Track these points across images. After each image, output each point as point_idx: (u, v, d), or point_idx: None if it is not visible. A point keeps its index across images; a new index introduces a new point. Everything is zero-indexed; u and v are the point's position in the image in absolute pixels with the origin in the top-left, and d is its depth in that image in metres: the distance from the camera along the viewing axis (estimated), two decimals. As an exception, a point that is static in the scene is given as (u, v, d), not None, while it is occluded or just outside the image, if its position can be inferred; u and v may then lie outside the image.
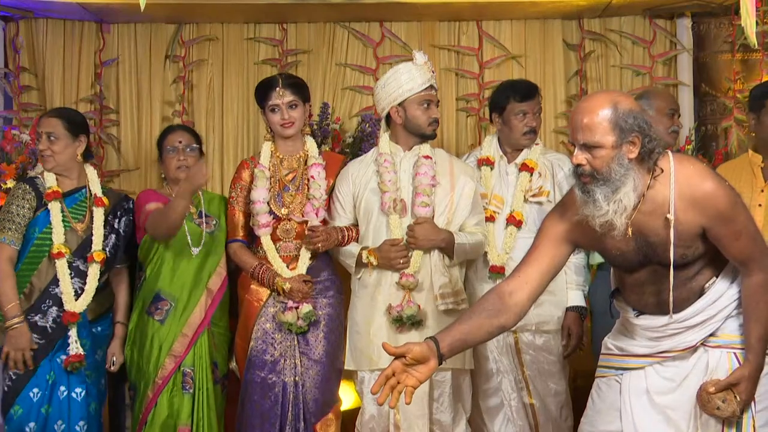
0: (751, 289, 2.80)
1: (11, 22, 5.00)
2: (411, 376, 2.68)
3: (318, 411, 3.98)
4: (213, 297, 4.09)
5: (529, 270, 2.89)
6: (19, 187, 3.95)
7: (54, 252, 3.89)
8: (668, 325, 2.88)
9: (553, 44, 5.15)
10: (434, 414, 3.91)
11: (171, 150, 4.16)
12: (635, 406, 2.92)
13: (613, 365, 3.03)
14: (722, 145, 4.93)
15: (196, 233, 4.09)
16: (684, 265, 2.82)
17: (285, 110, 4.00)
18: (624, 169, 2.69)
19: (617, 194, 2.70)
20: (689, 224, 2.75)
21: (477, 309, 2.86)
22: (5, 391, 3.83)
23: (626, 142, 2.68)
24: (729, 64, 4.96)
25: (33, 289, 3.89)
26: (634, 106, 2.72)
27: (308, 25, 5.14)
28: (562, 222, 2.90)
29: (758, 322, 2.79)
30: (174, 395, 4.02)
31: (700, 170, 2.77)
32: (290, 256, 4.01)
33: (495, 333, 2.87)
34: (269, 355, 3.97)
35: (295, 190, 4.06)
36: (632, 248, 2.84)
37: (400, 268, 3.88)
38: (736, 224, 2.74)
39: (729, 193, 2.76)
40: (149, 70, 5.12)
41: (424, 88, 3.91)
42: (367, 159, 4.11)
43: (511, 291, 2.86)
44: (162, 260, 4.09)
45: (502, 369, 4.10)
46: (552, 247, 2.90)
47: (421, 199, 3.91)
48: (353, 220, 4.07)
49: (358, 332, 3.94)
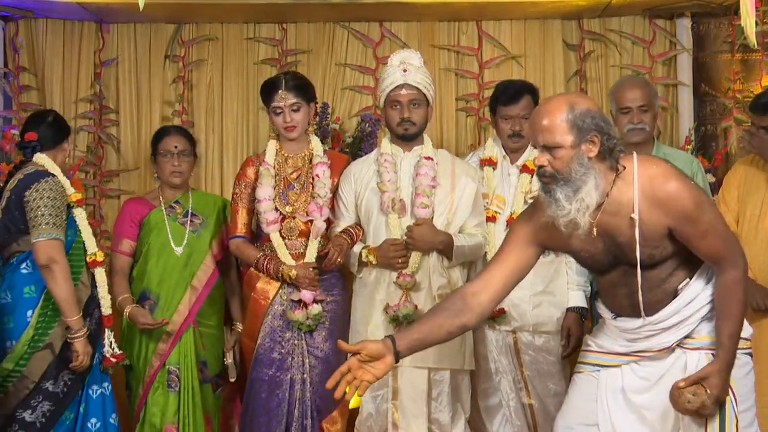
0: (723, 287, 2.82)
1: (11, 22, 5.00)
2: (368, 372, 2.77)
3: (324, 409, 3.98)
4: (198, 295, 4.13)
5: (494, 271, 2.94)
6: (54, 181, 3.78)
7: (99, 260, 3.88)
8: (643, 327, 2.90)
9: (553, 44, 5.15)
10: (432, 413, 3.91)
11: (166, 154, 4.19)
12: (611, 404, 2.95)
13: (591, 362, 3.06)
14: (722, 145, 4.93)
15: (179, 232, 4.15)
16: (654, 265, 2.84)
17: (288, 113, 4.00)
18: (584, 168, 2.73)
19: (579, 193, 2.73)
20: (654, 224, 2.78)
21: (439, 309, 2.93)
22: (65, 393, 3.76)
23: (585, 142, 2.73)
24: (729, 64, 4.95)
25: (81, 295, 3.82)
26: (591, 105, 2.77)
27: (308, 25, 5.14)
28: (529, 224, 2.94)
29: (729, 319, 2.81)
30: (161, 393, 4.05)
31: (664, 170, 2.80)
32: (296, 253, 4.01)
33: (456, 333, 2.92)
34: (277, 353, 3.97)
35: (300, 188, 4.07)
36: (600, 249, 2.87)
37: (399, 267, 3.89)
38: (702, 224, 2.77)
39: (694, 193, 2.78)
40: (149, 70, 5.11)
41: (393, 89, 3.92)
42: (369, 159, 4.13)
43: (474, 292, 2.91)
44: (146, 259, 4.15)
45: (501, 369, 4.09)
46: (518, 249, 2.94)
47: (421, 200, 3.91)
48: (356, 219, 4.08)
49: (357, 330, 3.95)
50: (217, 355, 4.20)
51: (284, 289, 4.00)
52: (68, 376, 3.76)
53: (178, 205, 4.23)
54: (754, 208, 4.03)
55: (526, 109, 4.10)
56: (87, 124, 5.05)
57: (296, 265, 3.95)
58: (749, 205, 4.04)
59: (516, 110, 4.09)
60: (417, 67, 3.95)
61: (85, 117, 5.04)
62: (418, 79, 3.93)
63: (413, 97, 3.93)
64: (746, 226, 4.03)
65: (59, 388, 3.74)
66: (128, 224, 4.21)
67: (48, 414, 3.71)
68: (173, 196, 4.24)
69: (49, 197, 3.72)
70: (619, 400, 2.95)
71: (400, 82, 3.92)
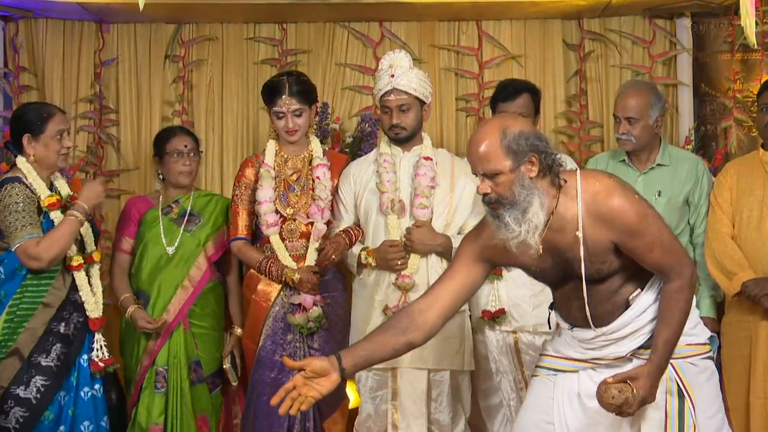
0: (667, 294, 2.83)
1: (11, 22, 4.99)
2: (312, 389, 2.77)
3: (326, 409, 4.00)
4: (188, 295, 4.12)
5: (441, 289, 2.95)
6: (18, 186, 3.73)
7: (74, 264, 3.82)
8: (597, 338, 2.91)
9: (553, 44, 5.15)
10: (433, 414, 3.91)
11: (176, 154, 4.19)
12: (566, 408, 2.97)
13: (548, 366, 3.07)
14: (722, 145, 4.92)
15: (172, 231, 4.16)
16: (603, 279, 2.86)
17: (290, 118, 4.00)
18: (527, 190, 2.74)
19: (527, 214, 2.75)
20: (599, 240, 2.79)
21: (385, 326, 2.94)
22: (38, 399, 3.73)
23: (524, 163, 2.74)
24: (729, 64, 4.95)
25: (54, 299, 3.79)
26: (524, 127, 2.78)
27: (308, 25, 5.14)
28: (477, 242, 2.95)
29: (668, 326, 2.81)
30: (148, 394, 4.06)
31: (607, 186, 2.80)
32: (297, 255, 4.02)
33: (402, 350, 2.93)
34: (279, 356, 3.97)
35: (300, 190, 4.07)
36: (549, 265, 2.89)
37: (398, 269, 3.89)
38: (647, 237, 2.77)
39: (636, 207, 2.79)
40: (149, 69, 5.11)
41: (382, 94, 3.92)
42: (369, 159, 4.13)
43: (422, 309, 2.92)
44: (141, 258, 4.17)
45: (502, 369, 4.10)
46: (465, 266, 2.95)
47: (420, 201, 3.91)
48: (355, 219, 4.08)
49: (357, 330, 3.95)
50: (214, 355, 4.19)
51: (285, 291, 4.00)
52: (41, 381, 3.71)
53: (177, 204, 4.23)
54: (751, 210, 4.03)
55: (524, 107, 4.12)
56: (87, 124, 5.05)
57: (299, 269, 3.95)
58: (745, 208, 4.04)
59: (513, 107, 4.10)
60: (405, 70, 3.91)
61: (85, 117, 5.04)
62: (405, 83, 3.89)
63: (401, 102, 3.91)
64: (744, 228, 4.03)
65: (31, 394, 3.69)
66: (128, 222, 4.25)
67: (22, 420, 3.68)
68: (176, 196, 4.25)
69: (11, 203, 3.70)
70: (574, 404, 2.96)
71: (388, 88, 3.90)
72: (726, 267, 4.01)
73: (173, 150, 4.19)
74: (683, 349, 2.91)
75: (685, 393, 2.88)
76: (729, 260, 4.00)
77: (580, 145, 5.07)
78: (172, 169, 4.20)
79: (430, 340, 2.99)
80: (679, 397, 2.88)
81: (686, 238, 4.24)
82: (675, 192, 4.19)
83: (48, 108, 3.93)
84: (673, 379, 2.88)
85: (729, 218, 4.07)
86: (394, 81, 3.89)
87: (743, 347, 4.02)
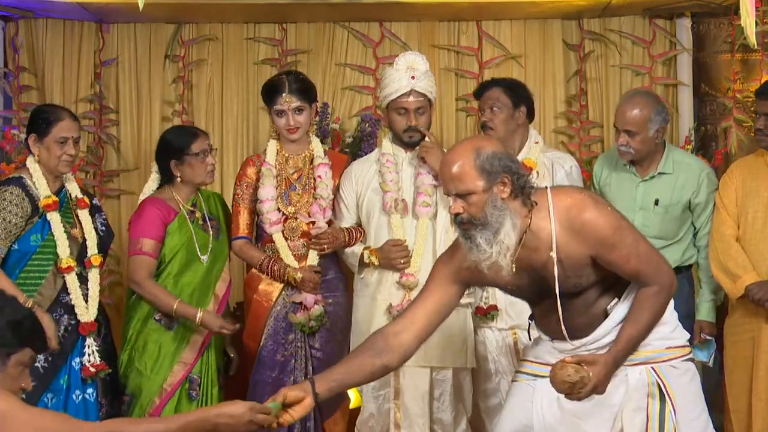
0: (643, 295, 2.84)
1: (11, 22, 4.99)
2: (287, 415, 2.76)
3: (327, 409, 3.99)
4: (219, 303, 4.04)
5: (416, 311, 2.94)
6: (11, 192, 3.74)
7: (63, 266, 3.78)
8: (577, 349, 2.92)
9: (553, 44, 5.15)
10: (435, 413, 3.91)
11: (201, 154, 4.00)
12: (546, 413, 2.97)
13: (528, 371, 3.08)
14: (722, 145, 4.92)
15: (205, 240, 4.02)
16: (580, 292, 2.86)
17: (291, 116, 3.99)
18: (499, 210, 2.75)
19: (498, 235, 2.75)
20: (576, 255, 2.80)
21: (360, 349, 2.93)
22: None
23: (496, 184, 2.75)
24: (729, 65, 4.95)
25: (42, 299, 3.76)
26: (497, 147, 2.79)
27: (308, 25, 5.14)
28: (451, 263, 2.95)
29: (635, 323, 2.83)
30: (180, 402, 3.96)
31: (578, 201, 2.81)
32: (298, 254, 4.01)
33: (378, 373, 2.92)
34: (280, 355, 3.97)
35: (301, 189, 4.06)
36: (526, 283, 2.89)
37: (401, 268, 3.89)
38: (622, 249, 2.79)
39: (610, 220, 2.79)
40: (149, 69, 5.11)
41: (400, 95, 3.90)
42: (370, 159, 4.13)
43: (397, 332, 2.90)
44: (170, 267, 3.99)
45: (501, 369, 4.09)
46: (439, 288, 2.95)
47: (423, 199, 3.92)
48: (357, 219, 4.08)
49: (359, 330, 3.95)
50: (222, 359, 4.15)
51: (286, 291, 4.00)
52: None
53: (196, 209, 4.06)
54: (756, 211, 4.02)
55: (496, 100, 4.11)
56: (87, 124, 5.04)
57: (301, 268, 3.95)
58: (750, 209, 4.04)
59: (483, 100, 4.13)
60: (424, 73, 3.93)
61: (85, 117, 5.03)
62: (424, 85, 3.92)
63: (420, 104, 3.92)
64: (749, 229, 4.03)
65: None
66: (150, 225, 3.96)
67: None
68: (188, 198, 4.05)
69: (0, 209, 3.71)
70: (554, 408, 2.96)
71: (408, 89, 3.90)
72: (730, 269, 4.00)
73: (199, 150, 3.99)
74: (664, 353, 2.93)
75: (667, 396, 2.89)
76: (733, 263, 3.99)
77: (580, 145, 5.08)
78: (198, 170, 4.00)
79: (432, 338, 2.99)
80: (660, 400, 2.89)
81: (687, 243, 4.23)
82: (674, 200, 4.17)
83: (57, 112, 3.90)
84: (655, 382, 2.89)
85: (734, 220, 4.06)
86: (414, 83, 3.89)
87: (746, 349, 4.02)
